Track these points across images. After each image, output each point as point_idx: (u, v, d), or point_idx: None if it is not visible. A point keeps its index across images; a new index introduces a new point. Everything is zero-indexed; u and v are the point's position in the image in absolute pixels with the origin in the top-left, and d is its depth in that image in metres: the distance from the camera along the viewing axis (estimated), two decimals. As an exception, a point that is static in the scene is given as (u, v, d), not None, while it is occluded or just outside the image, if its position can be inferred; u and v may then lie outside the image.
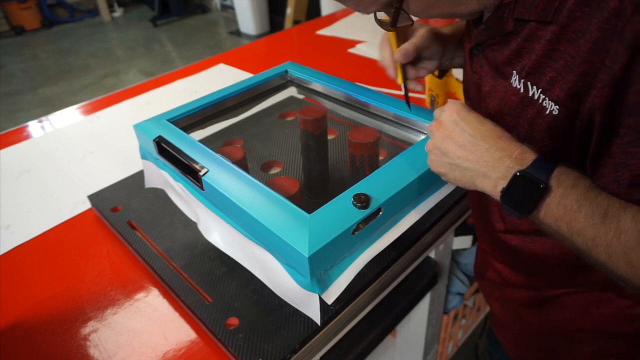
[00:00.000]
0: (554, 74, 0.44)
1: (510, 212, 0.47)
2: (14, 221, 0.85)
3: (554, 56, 0.44)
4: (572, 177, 0.44)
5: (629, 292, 0.59)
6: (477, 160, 0.48)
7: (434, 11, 0.52)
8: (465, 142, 0.49)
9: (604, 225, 0.41)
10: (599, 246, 0.41)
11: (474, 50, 0.56)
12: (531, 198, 0.44)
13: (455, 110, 0.51)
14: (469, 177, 0.50)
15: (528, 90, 0.48)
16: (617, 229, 0.40)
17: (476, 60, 0.56)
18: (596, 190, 0.43)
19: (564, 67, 0.43)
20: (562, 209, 0.43)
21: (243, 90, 0.82)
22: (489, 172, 0.47)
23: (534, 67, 0.46)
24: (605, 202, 0.42)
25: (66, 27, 5.16)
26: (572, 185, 0.43)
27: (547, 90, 0.45)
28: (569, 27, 0.42)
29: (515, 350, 0.77)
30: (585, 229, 0.42)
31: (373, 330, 0.76)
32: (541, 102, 0.46)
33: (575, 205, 0.42)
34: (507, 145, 0.47)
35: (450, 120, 0.51)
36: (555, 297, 0.64)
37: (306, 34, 1.71)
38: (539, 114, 0.47)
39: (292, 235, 0.49)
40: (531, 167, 0.44)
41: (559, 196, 0.43)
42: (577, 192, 0.43)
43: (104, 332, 0.63)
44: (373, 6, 0.52)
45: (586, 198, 0.42)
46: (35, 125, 1.20)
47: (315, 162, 0.80)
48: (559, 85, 0.44)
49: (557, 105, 0.45)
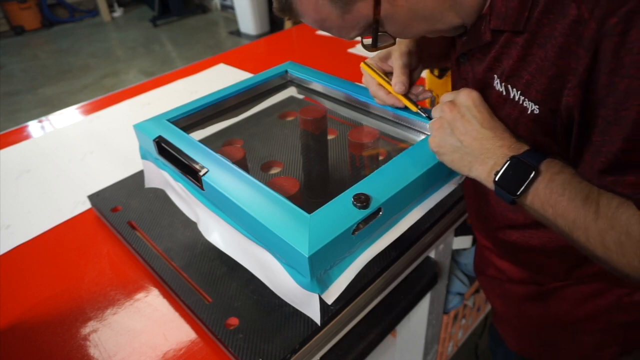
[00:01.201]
0: (529, 77, 0.48)
1: (501, 195, 0.49)
2: (14, 221, 0.85)
3: (527, 60, 0.48)
4: (559, 164, 0.47)
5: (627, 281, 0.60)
6: (479, 147, 0.51)
7: (413, 30, 0.54)
8: (473, 129, 0.51)
9: (583, 209, 0.44)
10: (579, 229, 0.44)
11: (460, 59, 0.59)
12: (522, 180, 0.47)
13: (471, 97, 0.53)
14: (467, 162, 0.52)
15: (509, 93, 0.51)
16: (595, 212, 0.43)
17: (463, 67, 0.59)
18: (580, 176, 0.46)
19: (537, 70, 0.47)
20: (549, 192, 0.46)
21: (243, 90, 0.82)
22: (487, 159, 0.50)
23: (512, 71, 0.50)
24: (587, 187, 0.45)
25: (66, 27, 5.16)
26: (558, 172, 0.46)
27: (525, 92, 0.49)
28: (538, 34, 0.46)
29: (518, 345, 0.78)
30: (567, 212, 0.45)
31: (373, 330, 0.76)
32: (522, 102, 0.50)
33: (560, 189, 0.45)
34: (508, 137, 0.50)
35: (465, 104, 0.53)
36: (555, 289, 0.66)
37: (306, 34, 1.71)
38: (522, 113, 0.50)
39: (292, 235, 0.49)
40: (524, 154, 0.48)
41: (546, 180, 0.46)
42: (563, 177, 0.46)
43: (104, 332, 0.63)
44: (353, 31, 0.53)
45: (570, 183, 0.45)
46: (35, 125, 1.20)
47: (315, 162, 0.80)
48: (535, 87, 0.48)
49: (537, 105, 0.48)
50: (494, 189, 0.50)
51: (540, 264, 0.65)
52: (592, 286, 0.63)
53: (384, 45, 0.56)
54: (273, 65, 0.90)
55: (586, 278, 0.63)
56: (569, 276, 0.64)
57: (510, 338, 0.79)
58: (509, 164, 0.48)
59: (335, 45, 1.58)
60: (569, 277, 0.64)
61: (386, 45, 0.57)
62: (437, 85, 0.99)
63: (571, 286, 0.65)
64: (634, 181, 0.43)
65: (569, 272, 0.63)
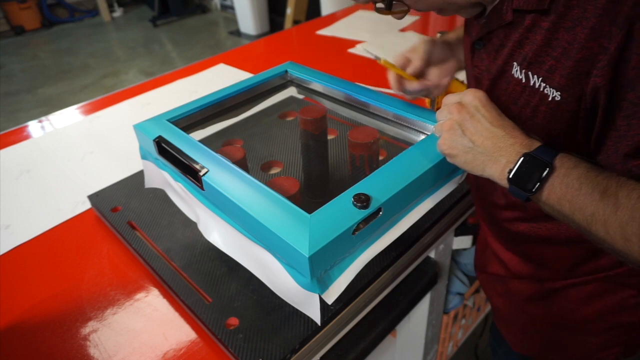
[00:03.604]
0: (553, 62, 0.47)
1: (515, 193, 0.48)
2: (14, 221, 0.85)
3: (552, 45, 0.46)
4: (573, 159, 0.46)
5: (632, 282, 0.60)
6: (492, 146, 0.50)
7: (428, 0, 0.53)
8: (484, 128, 0.51)
9: (602, 202, 0.43)
10: (598, 222, 0.44)
11: (475, 45, 0.58)
12: (537, 177, 0.46)
13: (478, 97, 0.52)
14: (480, 162, 0.51)
15: (529, 80, 0.50)
16: (615, 205, 0.42)
17: (477, 54, 0.58)
18: (596, 170, 0.45)
19: (562, 54, 0.46)
20: (565, 187, 0.45)
21: (243, 90, 0.82)
22: (500, 157, 0.49)
23: (534, 57, 0.49)
24: (605, 181, 0.44)
25: (66, 27, 5.16)
26: (573, 166, 0.46)
27: (548, 79, 0.48)
28: (565, 16, 0.44)
29: (521, 344, 0.77)
30: (585, 206, 0.44)
31: (373, 330, 0.76)
32: (542, 89, 0.49)
33: (577, 183, 0.45)
34: (519, 135, 0.49)
35: (473, 104, 0.52)
36: (560, 289, 0.66)
37: (306, 34, 1.71)
38: (542, 101, 0.49)
39: (292, 235, 0.49)
40: (537, 150, 0.47)
41: (561, 175, 0.45)
42: (578, 172, 0.45)
43: (104, 332, 0.63)
44: None
45: (587, 177, 0.45)
46: (35, 125, 1.20)
47: (315, 162, 0.80)
48: (559, 72, 0.46)
49: (559, 91, 0.47)
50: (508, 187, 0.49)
51: (546, 257, 0.65)
52: (596, 286, 0.63)
53: (397, 11, 0.56)
54: (273, 65, 0.90)
55: (590, 278, 0.62)
56: (572, 273, 0.64)
57: (512, 337, 0.78)
58: (523, 161, 0.47)
59: (335, 45, 1.58)
60: (573, 275, 0.64)
61: (399, 11, 0.56)
62: (437, 85, 0.99)
63: (576, 286, 0.64)
64: None
65: (573, 269, 0.63)
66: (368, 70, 1.37)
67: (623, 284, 0.61)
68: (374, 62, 1.41)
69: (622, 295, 0.62)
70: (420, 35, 1.56)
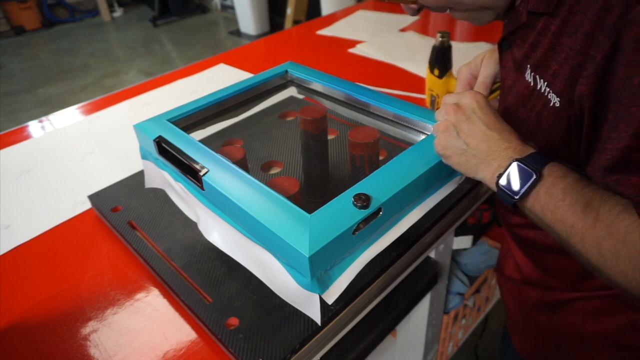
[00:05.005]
0: (557, 67, 0.46)
1: (503, 198, 0.48)
2: (14, 221, 0.85)
3: (557, 49, 0.46)
4: (563, 170, 0.46)
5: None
6: (486, 149, 0.50)
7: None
8: (479, 131, 0.51)
9: (583, 214, 0.42)
10: (576, 234, 0.43)
11: (502, 45, 0.58)
12: (523, 184, 0.46)
13: (475, 99, 0.52)
14: (473, 164, 0.51)
15: (537, 83, 0.50)
16: (594, 219, 0.42)
17: (504, 55, 0.58)
18: (584, 182, 0.45)
19: (564, 60, 0.45)
20: (549, 197, 0.45)
21: (243, 90, 0.82)
22: (492, 161, 0.49)
23: (542, 60, 0.48)
24: (590, 193, 0.43)
25: (66, 27, 5.17)
26: (562, 176, 0.45)
27: (551, 84, 0.47)
28: (569, 21, 0.44)
29: (525, 350, 0.77)
30: (566, 217, 0.44)
31: (373, 330, 0.76)
32: (546, 94, 0.48)
33: (561, 194, 0.44)
34: (514, 140, 0.49)
35: (470, 106, 0.52)
36: (567, 301, 0.65)
37: (306, 34, 1.71)
38: (545, 106, 0.49)
39: (292, 235, 0.49)
40: (529, 157, 0.47)
41: (548, 184, 0.45)
42: (565, 182, 0.45)
43: (104, 332, 0.63)
44: None
45: (572, 188, 0.44)
46: (35, 125, 1.20)
47: (315, 162, 0.80)
48: (560, 78, 0.46)
49: (559, 97, 0.47)
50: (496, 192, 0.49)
51: (553, 266, 0.64)
52: (605, 303, 0.61)
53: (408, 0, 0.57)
54: (273, 65, 0.90)
55: (599, 293, 0.61)
56: (579, 286, 0.62)
57: (520, 341, 0.78)
58: (512, 166, 0.47)
59: (335, 45, 1.58)
60: (580, 288, 0.62)
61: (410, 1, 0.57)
62: (437, 85, 0.99)
63: (583, 300, 0.63)
64: (637, 182, 0.41)
65: (579, 281, 0.62)
66: (368, 70, 1.37)
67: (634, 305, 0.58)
68: (374, 62, 1.41)
69: (631, 317, 0.59)
70: (420, 35, 1.56)
